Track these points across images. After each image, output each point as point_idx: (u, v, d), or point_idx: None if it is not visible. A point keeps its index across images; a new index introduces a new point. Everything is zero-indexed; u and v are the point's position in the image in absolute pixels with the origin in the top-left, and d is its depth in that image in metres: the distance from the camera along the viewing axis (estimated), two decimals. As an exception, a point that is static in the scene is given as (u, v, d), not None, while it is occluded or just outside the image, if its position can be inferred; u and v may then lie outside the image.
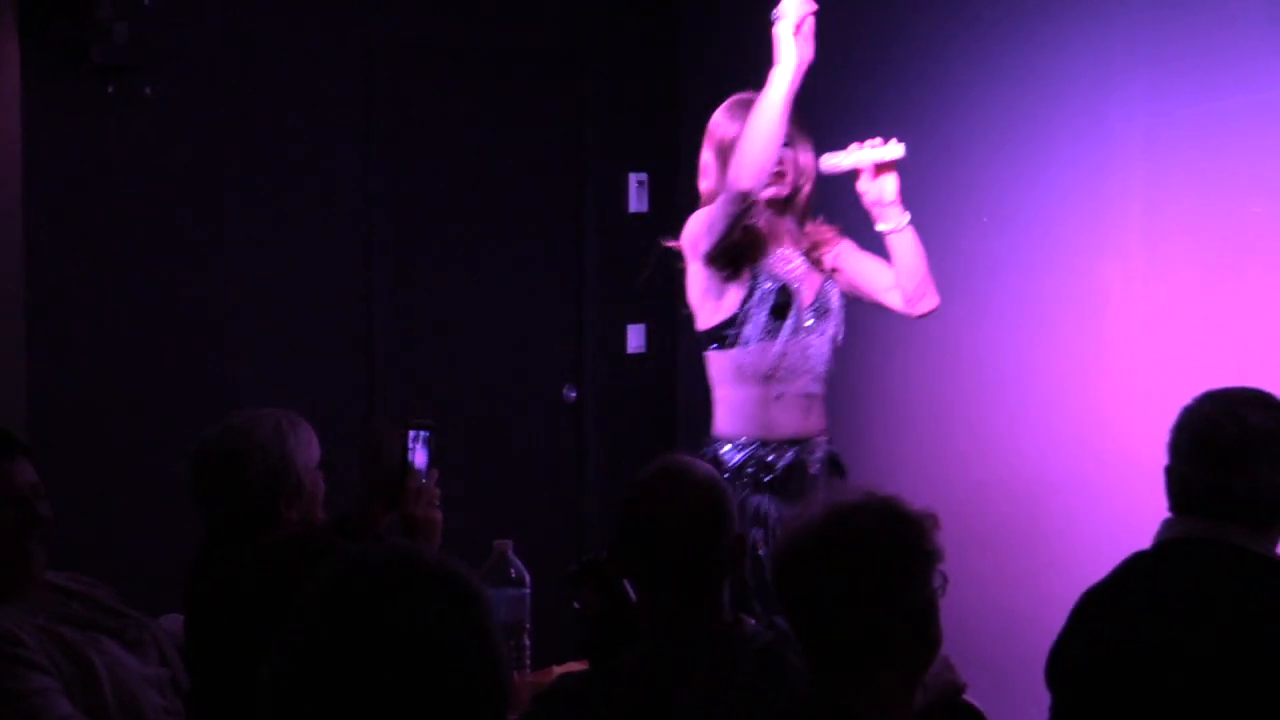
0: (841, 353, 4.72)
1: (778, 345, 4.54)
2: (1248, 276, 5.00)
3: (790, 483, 4.51)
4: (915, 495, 2.60)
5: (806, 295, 4.59)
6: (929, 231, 6.15)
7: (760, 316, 4.54)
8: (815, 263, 4.66)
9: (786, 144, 4.44)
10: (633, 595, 3.20)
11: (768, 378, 4.54)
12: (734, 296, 4.53)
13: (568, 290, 6.50)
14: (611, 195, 6.59)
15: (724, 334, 4.55)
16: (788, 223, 4.66)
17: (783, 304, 4.55)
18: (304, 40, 5.91)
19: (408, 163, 6.11)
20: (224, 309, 5.80)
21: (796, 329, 4.56)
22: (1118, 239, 5.69)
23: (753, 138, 4.24)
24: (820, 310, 4.61)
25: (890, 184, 4.51)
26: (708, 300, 4.57)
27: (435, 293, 6.19)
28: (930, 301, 4.67)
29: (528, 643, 3.68)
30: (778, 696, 2.76)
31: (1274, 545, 3.18)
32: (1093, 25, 5.70)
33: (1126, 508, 4.99)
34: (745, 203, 4.34)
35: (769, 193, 4.53)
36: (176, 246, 5.73)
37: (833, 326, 4.64)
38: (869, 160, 4.49)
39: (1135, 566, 3.17)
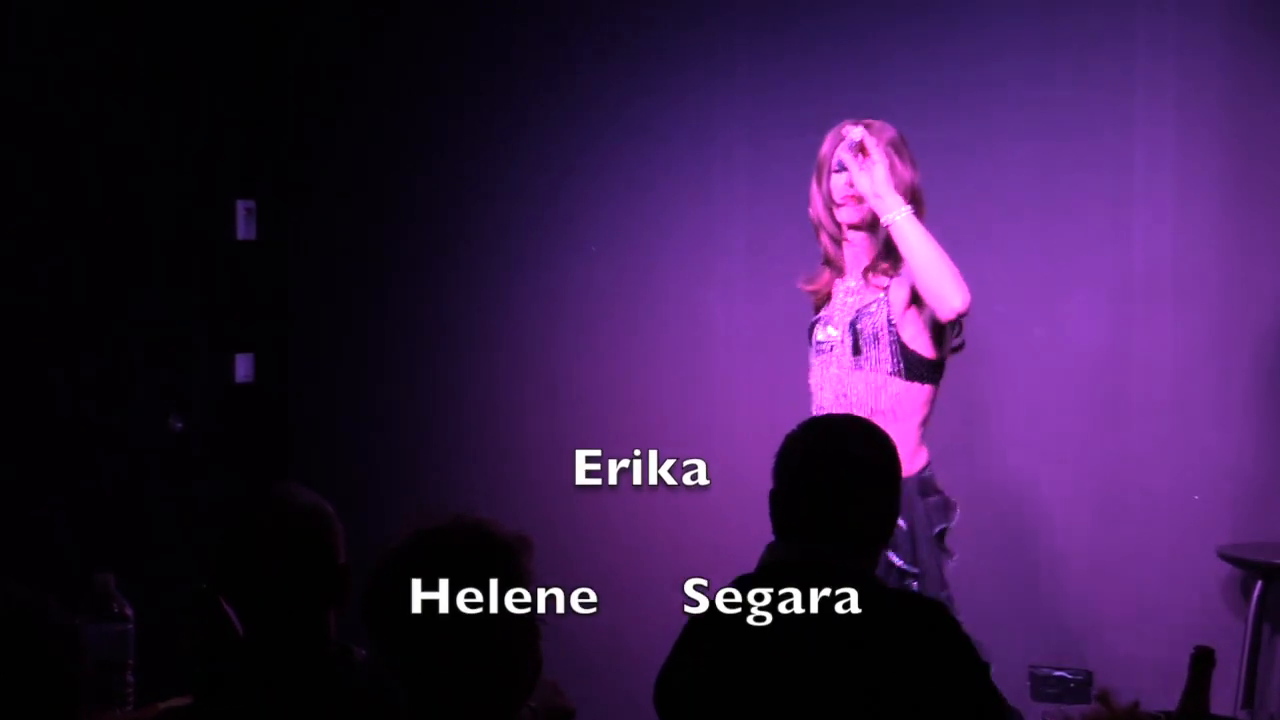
0: (437, 378, 4.64)
1: (809, 375, 4.49)
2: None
3: None
4: (509, 520, 2.59)
5: (841, 324, 4.39)
6: (540, 260, 6.21)
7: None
8: (876, 286, 4.37)
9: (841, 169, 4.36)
10: (239, 627, 3.15)
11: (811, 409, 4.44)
12: None
13: (173, 318, 6.34)
14: (218, 222, 6.45)
15: None
16: (859, 248, 4.43)
17: (810, 336, 4.51)
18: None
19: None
20: None
21: (818, 359, 4.45)
22: (722, 267, 5.81)
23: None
24: (853, 338, 4.36)
25: (869, 174, 4.25)
26: None
27: (29, 318, 5.94)
28: (949, 303, 4.14)
29: (131, 679, 3.60)
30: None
31: (873, 567, 3.27)
32: (704, 57, 5.82)
33: (737, 529, 5.08)
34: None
35: (846, 217, 4.39)
36: None
37: (873, 354, 4.33)
38: (841, 154, 4.32)
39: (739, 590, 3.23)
